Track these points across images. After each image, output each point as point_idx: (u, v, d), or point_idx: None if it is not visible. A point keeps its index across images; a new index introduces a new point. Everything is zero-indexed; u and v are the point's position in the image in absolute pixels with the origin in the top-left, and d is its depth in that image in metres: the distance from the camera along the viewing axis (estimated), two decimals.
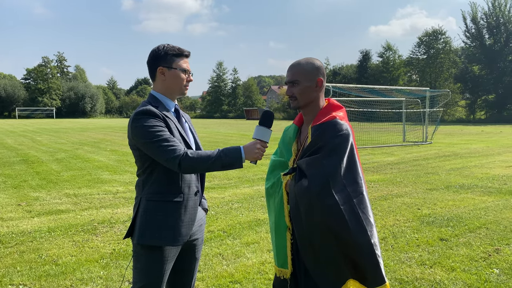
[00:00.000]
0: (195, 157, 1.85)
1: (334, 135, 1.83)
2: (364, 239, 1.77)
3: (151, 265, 1.98)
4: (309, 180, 1.80)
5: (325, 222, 1.79)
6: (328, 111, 1.95)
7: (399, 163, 11.15)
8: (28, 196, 7.05)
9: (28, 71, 77.26)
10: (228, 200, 6.72)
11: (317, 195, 1.78)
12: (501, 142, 17.11)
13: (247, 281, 3.58)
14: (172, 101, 2.11)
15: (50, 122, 46.86)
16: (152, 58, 2.06)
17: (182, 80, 2.07)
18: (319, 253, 1.84)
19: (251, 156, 1.92)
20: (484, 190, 7.31)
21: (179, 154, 1.84)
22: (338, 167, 1.79)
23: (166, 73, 2.04)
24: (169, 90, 2.08)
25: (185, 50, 2.09)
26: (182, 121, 2.14)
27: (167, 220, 1.97)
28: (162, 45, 2.07)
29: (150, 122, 1.91)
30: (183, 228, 2.01)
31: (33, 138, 20.49)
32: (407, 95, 20.07)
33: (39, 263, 4.00)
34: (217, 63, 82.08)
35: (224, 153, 1.88)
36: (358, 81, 51.82)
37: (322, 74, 1.98)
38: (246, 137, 21.10)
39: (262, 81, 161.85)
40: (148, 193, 2.00)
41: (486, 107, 47.49)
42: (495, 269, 3.79)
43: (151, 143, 1.88)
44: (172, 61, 2.04)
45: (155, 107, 2.00)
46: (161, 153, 1.87)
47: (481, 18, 46.63)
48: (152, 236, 1.96)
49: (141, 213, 2.00)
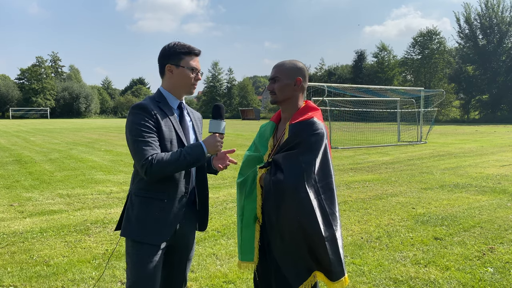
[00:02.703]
0: (161, 162, 1.87)
1: (311, 133, 1.96)
2: (329, 232, 1.90)
3: (140, 260, 1.98)
4: (285, 174, 1.91)
5: (296, 214, 1.89)
6: (305, 111, 2.07)
7: (394, 163, 11.17)
8: (20, 197, 6.98)
9: (22, 71, 76.77)
10: (223, 200, 6.69)
11: (292, 188, 1.89)
12: (495, 142, 17.21)
13: (241, 281, 3.55)
14: (177, 99, 2.11)
15: (44, 122, 46.57)
16: (161, 55, 2.08)
17: (189, 78, 2.07)
18: (289, 244, 1.93)
19: (213, 149, 1.99)
20: (478, 190, 7.33)
21: (147, 162, 1.86)
22: (313, 164, 1.92)
23: (174, 70, 2.05)
24: (175, 88, 2.09)
25: (195, 49, 2.08)
26: (184, 120, 2.13)
27: (149, 216, 1.98)
28: (173, 42, 2.08)
29: (140, 119, 1.92)
30: (165, 227, 2.01)
31: (27, 139, 20.33)
32: (401, 95, 20.14)
33: (30, 264, 3.94)
34: (212, 63, 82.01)
35: (187, 152, 1.92)
36: (353, 81, 51.96)
37: (302, 74, 2.11)
38: (241, 137, 21.07)
39: (258, 81, 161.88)
40: (136, 188, 2.03)
41: (480, 107, 47.81)
42: (489, 267, 3.78)
43: (132, 142, 1.92)
44: (181, 59, 2.04)
45: (157, 103, 2.02)
46: (135, 156, 1.92)
47: (474, 18, 47.00)
48: (134, 231, 1.99)
49: (128, 207, 2.05)
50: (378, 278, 3.59)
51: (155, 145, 1.92)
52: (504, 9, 45.61)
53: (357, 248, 4.35)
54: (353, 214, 5.76)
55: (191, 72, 2.06)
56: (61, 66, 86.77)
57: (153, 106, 1.99)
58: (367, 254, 4.18)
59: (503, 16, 45.26)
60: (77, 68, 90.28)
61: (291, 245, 1.92)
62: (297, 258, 1.93)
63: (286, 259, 1.96)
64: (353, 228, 5.07)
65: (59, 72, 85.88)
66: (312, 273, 1.94)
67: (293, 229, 1.90)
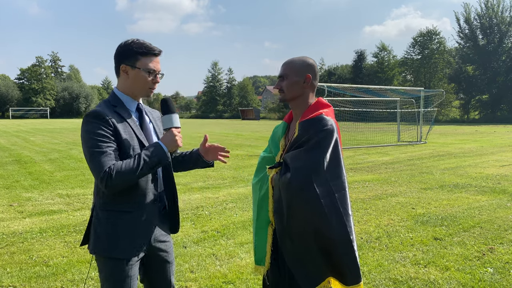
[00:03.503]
0: (121, 172, 1.73)
1: (318, 130, 1.85)
2: (343, 234, 1.79)
3: (115, 274, 1.87)
4: (292, 173, 1.82)
5: (306, 215, 1.80)
6: (315, 109, 1.98)
7: (394, 163, 11.17)
8: (20, 197, 6.97)
9: (22, 71, 76.71)
10: (222, 200, 6.69)
11: (299, 188, 1.80)
12: (495, 142, 17.20)
13: (241, 281, 3.55)
14: (134, 101, 1.96)
15: (44, 122, 46.54)
16: (117, 54, 1.90)
17: (145, 81, 1.89)
18: (298, 246, 1.85)
19: (172, 145, 1.85)
20: (478, 190, 7.33)
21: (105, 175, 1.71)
22: (321, 161, 1.81)
23: (129, 72, 1.89)
24: (131, 90, 1.92)
25: (155, 48, 1.91)
26: (144, 122, 1.98)
27: (119, 231, 1.85)
28: (131, 39, 1.91)
29: (95, 128, 1.77)
30: (137, 240, 1.88)
31: (27, 138, 20.33)
32: (401, 95, 20.13)
33: (30, 264, 3.94)
34: (212, 63, 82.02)
35: (146, 156, 1.78)
36: (353, 81, 51.93)
37: (312, 71, 2.01)
38: (241, 137, 21.07)
39: (258, 81, 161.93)
40: (101, 202, 1.88)
41: (480, 107, 47.79)
42: (489, 268, 3.78)
43: (88, 153, 1.78)
44: (137, 60, 1.87)
45: (113, 107, 1.87)
46: (92, 169, 1.77)
47: (474, 18, 46.96)
48: (105, 248, 1.86)
49: (95, 222, 1.90)
50: (378, 278, 3.58)
51: (113, 155, 1.77)
52: (504, 9, 45.61)
53: (357, 248, 4.34)
54: (353, 214, 5.74)
55: (148, 75, 1.88)
56: (61, 66, 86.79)
57: (109, 111, 1.83)
58: (367, 254, 4.18)
59: (503, 16, 45.24)
60: (77, 68, 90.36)
61: (301, 246, 1.84)
62: (308, 260, 1.84)
63: (297, 261, 1.88)
64: None
65: (59, 72, 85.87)
66: (326, 279, 1.84)
67: (302, 230, 1.82)
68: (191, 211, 5.94)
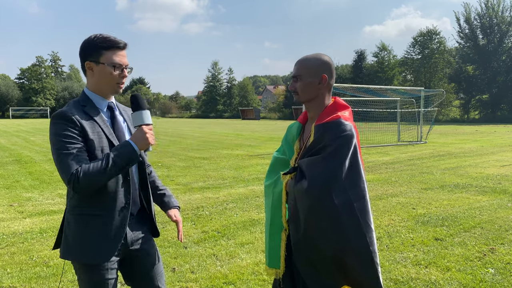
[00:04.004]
0: (89, 174, 1.67)
1: (336, 136, 1.76)
2: (362, 245, 1.72)
3: (90, 277, 1.83)
4: (309, 182, 1.74)
5: (323, 226, 1.73)
6: (332, 110, 1.87)
7: (394, 163, 11.16)
8: (20, 197, 6.97)
9: (22, 71, 76.74)
10: (223, 200, 6.68)
11: (317, 197, 1.72)
12: (495, 142, 17.20)
13: (241, 282, 3.54)
14: (105, 100, 1.89)
15: (44, 122, 46.53)
16: (80, 51, 1.83)
17: (112, 77, 1.82)
18: (314, 259, 1.78)
19: (143, 143, 1.77)
20: (478, 190, 7.32)
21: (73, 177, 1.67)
22: (339, 169, 1.72)
23: (94, 68, 1.82)
24: (99, 87, 1.86)
25: (119, 41, 1.83)
26: (116, 121, 1.92)
27: (88, 236, 1.80)
28: (94, 35, 1.83)
29: (62, 130, 1.72)
30: (107, 244, 1.82)
31: (27, 138, 20.32)
32: (401, 95, 20.12)
33: (30, 265, 3.94)
34: (212, 63, 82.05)
35: (115, 156, 1.71)
36: (353, 81, 51.90)
37: (328, 71, 1.90)
38: (241, 137, 21.05)
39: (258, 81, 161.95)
40: (71, 205, 1.84)
41: (480, 107, 47.77)
42: (490, 268, 3.78)
43: (55, 156, 1.73)
44: (101, 55, 1.80)
45: (82, 106, 1.82)
46: (60, 171, 1.72)
47: (474, 18, 46.92)
48: (74, 253, 1.82)
49: (65, 226, 1.86)
50: None
51: (81, 156, 1.71)
52: (504, 9, 45.57)
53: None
54: None
55: (114, 69, 1.81)
56: (61, 66, 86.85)
57: (77, 111, 1.77)
58: None
59: (503, 16, 45.22)
60: (77, 68, 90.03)
61: (317, 258, 1.77)
62: (324, 272, 1.77)
63: (311, 272, 1.81)
64: None
65: (59, 71, 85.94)
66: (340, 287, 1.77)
67: (319, 242, 1.75)
68: (191, 211, 5.94)
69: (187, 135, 22.48)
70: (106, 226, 1.81)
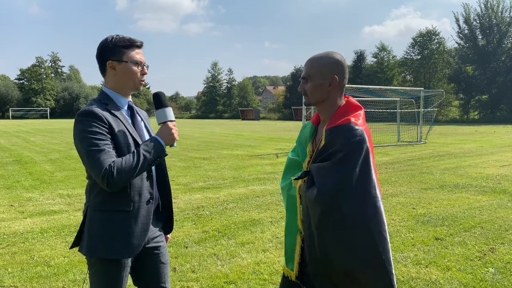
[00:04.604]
0: (122, 169, 1.71)
1: (347, 142, 1.67)
2: (376, 255, 1.64)
3: (106, 275, 1.85)
4: (318, 189, 1.67)
5: (332, 235, 1.67)
6: (344, 112, 1.78)
7: (394, 163, 11.17)
8: (20, 197, 6.97)
9: (21, 71, 76.65)
10: (223, 200, 6.69)
11: (326, 206, 1.65)
12: (495, 142, 17.21)
13: (242, 281, 3.55)
14: (125, 98, 1.94)
15: (44, 123, 46.53)
16: (100, 52, 1.88)
17: (135, 74, 1.88)
18: (325, 263, 1.73)
19: (169, 139, 1.85)
20: (478, 190, 7.33)
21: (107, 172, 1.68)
22: (350, 177, 1.64)
23: (117, 67, 1.87)
24: (121, 86, 1.90)
25: (137, 40, 1.91)
26: (136, 120, 1.97)
27: (115, 232, 1.82)
28: (111, 36, 1.88)
29: (90, 127, 1.75)
30: (134, 240, 1.85)
31: (27, 139, 20.32)
32: (401, 95, 20.14)
33: (31, 265, 3.94)
34: (212, 63, 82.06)
35: (146, 151, 1.77)
36: (352, 81, 51.93)
37: (339, 71, 1.80)
38: (241, 137, 21.05)
39: (257, 81, 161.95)
40: (95, 202, 1.84)
41: (479, 107, 47.82)
42: (490, 268, 3.79)
43: (85, 153, 1.74)
44: (122, 54, 1.86)
45: (105, 105, 1.85)
46: (91, 168, 1.73)
47: (474, 19, 46.98)
48: (101, 249, 1.82)
49: (88, 223, 1.86)
50: None
51: (112, 152, 1.74)
52: (504, 9, 45.62)
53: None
54: None
55: (136, 67, 1.88)
56: (61, 67, 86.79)
57: (101, 109, 1.81)
58: None
59: (502, 17, 45.27)
60: (77, 68, 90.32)
61: (327, 269, 1.72)
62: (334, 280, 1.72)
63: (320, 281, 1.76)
64: None
65: (59, 72, 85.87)
66: None
67: (328, 251, 1.68)
68: (191, 211, 5.94)
69: (187, 136, 22.49)
70: (132, 221, 1.84)
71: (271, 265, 3.89)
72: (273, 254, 4.19)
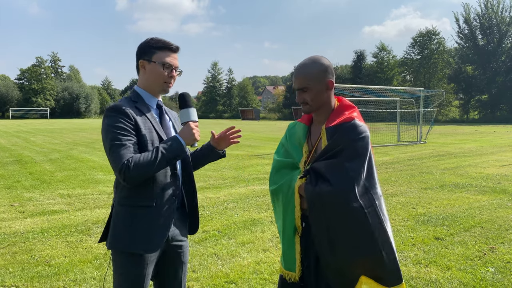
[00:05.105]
0: (139, 164, 1.76)
1: (355, 138, 1.78)
2: (385, 240, 1.77)
3: (129, 270, 1.89)
4: (333, 184, 1.74)
5: (350, 225, 1.76)
6: (341, 111, 1.89)
7: (394, 163, 11.18)
8: (21, 197, 6.98)
9: (21, 71, 76.65)
10: (223, 200, 6.70)
11: (343, 199, 1.73)
12: (495, 142, 17.23)
13: (243, 281, 3.56)
14: (154, 97, 1.99)
15: (44, 123, 46.55)
16: (137, 51, 1.98)
17: (161, 75, 1.92)
18: (342, 259, 1.79)
19: (190, 139, 1.88)
20: (478, 189, 7.34)
21: (124, 166, 1.74)
22: (361, 171, 1.76)
23: (146, 66, 1.93)
24: (149, 85, 1.96)
25: (171, 44, 1.95)
26: (164, 119, 2.01)
27: (137, 226, 1.87)
28: (150, 38, 1.97)
29: (116, 122, 1.81)
30: (156, 235, 1.89)
31: (27, 139, 20.33)
32: (401, 95, 20.16)
33: (32, 264, 3.95)
34: (212, 64, 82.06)
35: (164, 149, 1.81)
36: (352, 81, 51.95)
37: (331, 74, 1.90)
38: (241, 137, 21.03)
39: (257, 81, 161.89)
40: (120, 197, 1.91)
41: (479, 107, 47.85)
42: (490, 267, 3.79)
43: (108, 146, 1.80)
44: (153, 54, 1.91)
45: (134, 102, 1.91)
46: (112, 161, 1.79)
47: (474, 19, 47.04)
48: (124, 243, 1.88)
49: (114, 218, 1.92)
50: None
51: (133, 148, 1.80)
52: (504, 9, 45.68)
53: None
54: None
55: (163, 69, 1.91)
56: (61, 67, 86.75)
57: (130, 106, 1.87)
58: None
59: (502, 16, 45.30)
60: (77, 68, 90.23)
61: (345, 260, 1.79)
62: (351, 274, 1.79)
63: (339, 275, 1.82)
64: None
65: (59, 72, 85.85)
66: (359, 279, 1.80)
67: (346, 243, 1.77)
68: None
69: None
70: (155, 217, 1.89)
71: (271, 265, 3.90)
72: (274, 254, 4.20)
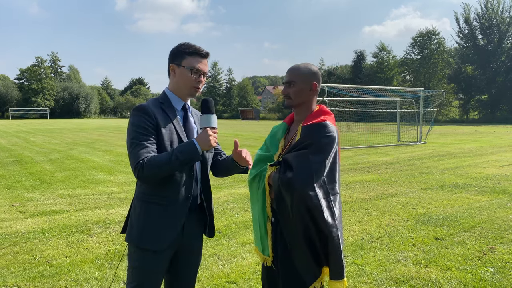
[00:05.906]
0: (152, 164, 1.82)
1: (323, 136, 1.97)
2: (335, 232, 1.91)
3: (142, 264, 1.97)
4: (295, 172, 1.92)
5: (307, 211, 1.90)
6: (318, 115, 2.10)
7: (394, 163, 11.19)
8: (21, 197, 6.99)
9: (21, 71, 76.71)
10: (224, 200, 6.71)
11: (301, 186, 1.89)
12: (495, 142, 17.24)
13: (243, 281, 3.57)
14: (181, 100, 2.06)
15: (44, 123, 46.54)
16: (169, 55, 2.06)
17: (189, 79, 2.00)
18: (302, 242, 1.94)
19: (206, 145, 1.90)
20: (478, 190, 7.36)
21: (139, 165, 1.82)
22: (322, 165, 1.93)
23: (176, 70, 2.02)
24: (177, 88, 2.04)
25: (202, 50, 2.03)
26: (188, 121, 2.07)
27: (149, 222, 1.95)
28: (182, 42, 2.04)
29: (138, 121, 1.90)
30: (166, 233, 1.95)
31: (27, 139, 20.34)
32: (401, 95, 20.17)
33: (33, 264, 3.96)
34: (212, 64, 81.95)
35: (179, 151, 1.85)
36: (352, 81, 51.99)
37: (317, 79, 2.13)
38: (241, 137, 21.07)
39: (257, 81, 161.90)
40: (139, 192, 2.01)
41: (479, 107, 47.86)
42: (490, 267, 3.81)
43: (128, 144, 1.90)
44: (183, 59, 1.99)
45: (160, 104, 1.99)
46: (130, 158, 1.88)
47: (474, 19, 47.04)
48: (135, 236, 1.97)
49: (132, 211, 2.03)
50: (380, 278, 3.61)
51: (151, 148, 1.87)
52: (504, 9, 45.69)
53: (358, 248, 4.37)
54: (354, 214, 5.78)
55: (192, 73, 1.99)
56: (60, 66, 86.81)
57: (154, 107, 1.95)
58: (368, 254, 4.20)
59: (502, 17, 45.31)
60: (77, 68, 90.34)
61: (304, 243, 1.93)
62: (310, 255, 1.94)
63: (301, 257, 1.96)
64: (354, 228, 5.09)
65: (59, 72, 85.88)
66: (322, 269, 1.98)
67: (304, 227, 1.91)
68: None
69: None
70: (166, 215, 1.96)
71: None
72: None
